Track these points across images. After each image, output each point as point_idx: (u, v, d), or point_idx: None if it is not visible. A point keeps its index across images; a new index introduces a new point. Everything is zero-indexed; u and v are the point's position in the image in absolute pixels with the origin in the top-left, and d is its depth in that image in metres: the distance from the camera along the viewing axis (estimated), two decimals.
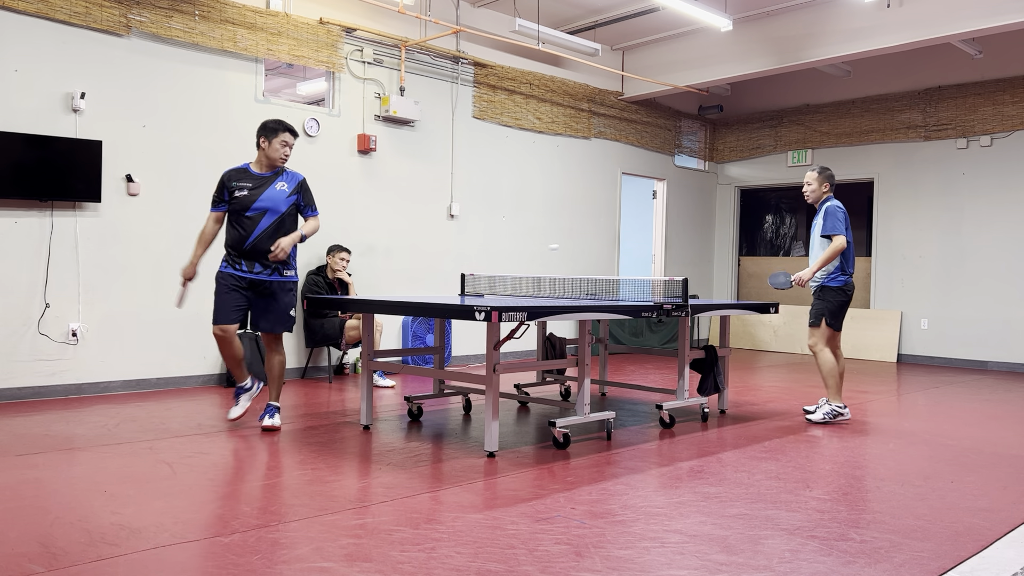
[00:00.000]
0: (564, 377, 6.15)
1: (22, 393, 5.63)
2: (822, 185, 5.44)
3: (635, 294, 5.76)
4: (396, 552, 2.73)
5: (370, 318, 5.05)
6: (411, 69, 7.90)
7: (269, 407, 4.83)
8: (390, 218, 7.78)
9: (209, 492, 3.42)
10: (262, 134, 4.68)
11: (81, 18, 5.80)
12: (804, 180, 5.53)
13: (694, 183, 11.50)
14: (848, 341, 9.99)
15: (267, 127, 4.69)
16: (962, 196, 9.42)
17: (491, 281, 5.96)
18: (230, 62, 6.63)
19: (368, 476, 3.74)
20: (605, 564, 2.66)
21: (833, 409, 5.35)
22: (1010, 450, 4.65)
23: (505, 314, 3.87)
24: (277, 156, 4.69)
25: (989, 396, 6.91)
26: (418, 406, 5.30)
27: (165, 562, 2.60)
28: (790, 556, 2.78)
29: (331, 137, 7.30)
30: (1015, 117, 9.00)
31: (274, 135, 4.68)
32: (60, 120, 5.75)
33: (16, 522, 2.97)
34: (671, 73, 9.54)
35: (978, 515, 3.33)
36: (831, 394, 5.36)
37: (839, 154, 10.52)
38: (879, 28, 7.78)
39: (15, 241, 5.59)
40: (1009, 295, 9.02)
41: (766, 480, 3.84)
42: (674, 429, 5.09)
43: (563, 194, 9.48)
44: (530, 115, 9.02)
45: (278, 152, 4.69)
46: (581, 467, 4.02)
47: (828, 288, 5.32)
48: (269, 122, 4.71)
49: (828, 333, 5.35)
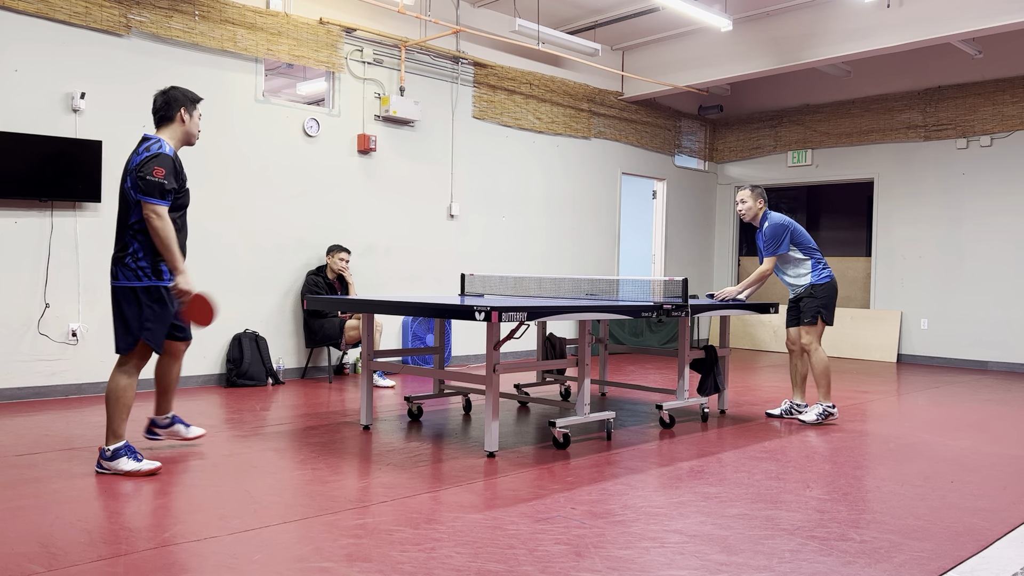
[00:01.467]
0: (564, 377, 6.15)
1: (22, 393, 5.63)
2: (756, 202, 5.47)
3: (635, 294, 5.76)
4: (396, 552, 2.73)
5: (370, 318, 5.05)
6: (411, 69, 7.90)
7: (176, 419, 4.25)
8: (390, 218, 7.78)
9: (209, 492, 3.42)
10: (181, 105, 3.87)
11: (81, 18, 5.80)
12: (737, 199, 5.54)
13: (694, 183, 11.50)
14: (848, 341, 10.00)
15: (187, 97, 3.90)
16: (962, 196, 9.42)
17: (491, 281, 5.95)
18: (230, 62, 6.63)
19: (368, 476, 3.74)
20: (605, 564, 2.66)
21: (825, 409, 5.36)
22: (1010, 450, 4.65)
23: (505, 314, 3.86)
24: (196, 131, 3.96)
25: (989, 396, 6.91)
26: (418, 406, 5.30)
27: (165, 562, 2.60)
28: (790, 556, 2.78)
29: (331, 137, 7.30)
30: (1015, 117, 9.00)
31: (194, 106, 3.92)
32: (60, 120, 5.75)
33: (16, 522, 2.97)
34: (671, 73, 9.54)
35: (978, 515, 3.33)
36: (822, 395, 5.36)
37: (839, 154, 10.52)
38: (879, 28, 7.78)
39: (15, 241, 5.59)
40: (1009, 295, 9.02)
41: (766, 480, 3.84)
42: (674, 429, 5.09)
43: (563, 194, 9.48)
44: (530, 115, 9.02)
45: (197, 126, 3.96)
46: (581, 467, 4.02)
47: (818, 285, 5.34)
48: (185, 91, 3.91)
49: (823, 329, 5.37)
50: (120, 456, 3.69)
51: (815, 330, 5.34)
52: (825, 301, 5.34)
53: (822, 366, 5.33)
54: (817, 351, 5.34)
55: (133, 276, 3.68)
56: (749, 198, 5.47)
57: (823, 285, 5.34)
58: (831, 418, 5.39)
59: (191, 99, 3.90)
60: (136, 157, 3.71)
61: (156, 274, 3.72)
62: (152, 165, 3.64)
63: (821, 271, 5.37)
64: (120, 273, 3.69)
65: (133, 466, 3.68)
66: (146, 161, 3.65)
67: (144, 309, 3.69)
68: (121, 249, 3.71)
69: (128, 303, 3.69)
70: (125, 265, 3.69)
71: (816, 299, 5.34)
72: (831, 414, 5.37)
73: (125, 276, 3.69)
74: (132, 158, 3.73)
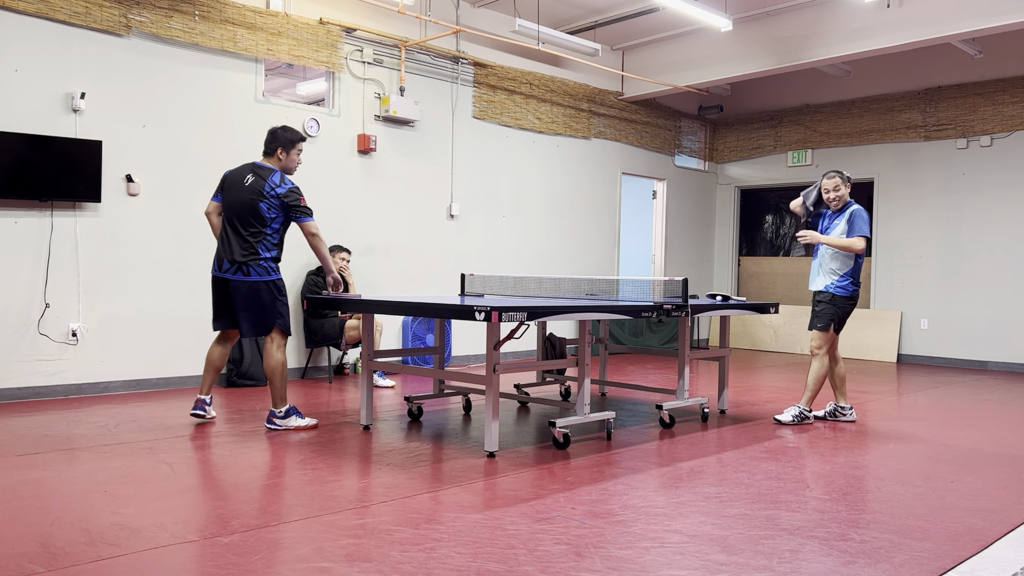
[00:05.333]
0: (564, 377, 6.15)
1: (22, 393, 5.63)
2: (847, 187, 5.35)
3: (635, 294, 5.76)
4: (396, 552, 2.73)
5: (370, 318, 5.05)
6: (411, 69, 7.90)
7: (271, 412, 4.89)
8: (390, 218, 7.78)
9: (209, 492, 3.42)
10: (280, 144, 4.84)
11: (81, 18, 5.80)
12: (824, 187, 5.35)
13: (694, 183, 11.50)
14: (848, 341, 10.00)
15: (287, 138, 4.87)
16: (962, 196, 9.42)
17: (491, 281, 5.95)
18: (230, 62, 6.63)
19: (368, 476, 3.74)
20: (605, 564, 2.66)
21: (802, 412, 5.36)
22: (1010, 450, 4.65)
23: (505, 314, 3.86)
24: (293, 167, 4.92)
25: (989, 396, 6.91)
26: (418, 406, 5.30)
27: (165, 562, 2.60)
28: (790, 556, 2.78)
29: (331, 137, 7.30)
30: (1015, 117, 9.00)
31: (293, 146, 4.88)
32: (60, 120, 5.75)
33: (16, 522, 2.97)
34: (671, 73, 9.54)
35: (978, 515, 3.33)
36: (806, 398, 5.36)
37: (839, 154, 10.52)
38: (879, 28, 7.78)
39: (15, 241, 5.59)
40: (1009, 295, 9.02)
41: (766, 480, 3.84)
42: (674, 429, 5.09)
43: (563, 194, 9.48)
44: (530, 115, 9.02)
45: (295, 162, 4.92)
46: (581, 467, 4.02)
47: (840, 297, 5.29)
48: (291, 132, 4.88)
49: (833, 337, 5.34)
50: (291, 415, 4.79)
51: (825, 336, 5.32)
52: (842, 312, 5.30)
53: (819, 373, 5.32)
54: (822, 359, 5.33)
55: (264, 272, 4.69)
56: (843, 185, 5.33)
57: (844, 297, 5.27)
58: (806, 422, 5.38)
59: (291, 140, 4.84)
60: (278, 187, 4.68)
61: (278, 271, 4.79)
62: (297, 195, 4.69)
63: (848, 283, 5.26)
64: (253, 271, 4.67)
65: (301, 422, 4.79)
66: (290, 191, 4.69)
67: (277, 299, 4.73)
68: (252, 253, 4.67)
69: (264, 295, 4.68)
70: (259, 265, 4.68)
71: (835, 307, 5.30)
72: (807, 418, 5.37)
73: (257, 272, 4.67)
74: (264, 186, 4.67)
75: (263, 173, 4.73)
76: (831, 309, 5.30)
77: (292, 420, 4.77)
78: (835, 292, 5.29)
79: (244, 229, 4.69)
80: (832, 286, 5.30)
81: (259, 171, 4.74)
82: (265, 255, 4.70)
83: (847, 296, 5.29)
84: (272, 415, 4.77)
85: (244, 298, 4.67)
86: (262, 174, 4.72)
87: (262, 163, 4.82)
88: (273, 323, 4.72)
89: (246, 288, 4.67)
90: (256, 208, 4.67)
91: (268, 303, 4.69)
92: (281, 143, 4.83)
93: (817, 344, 5.33)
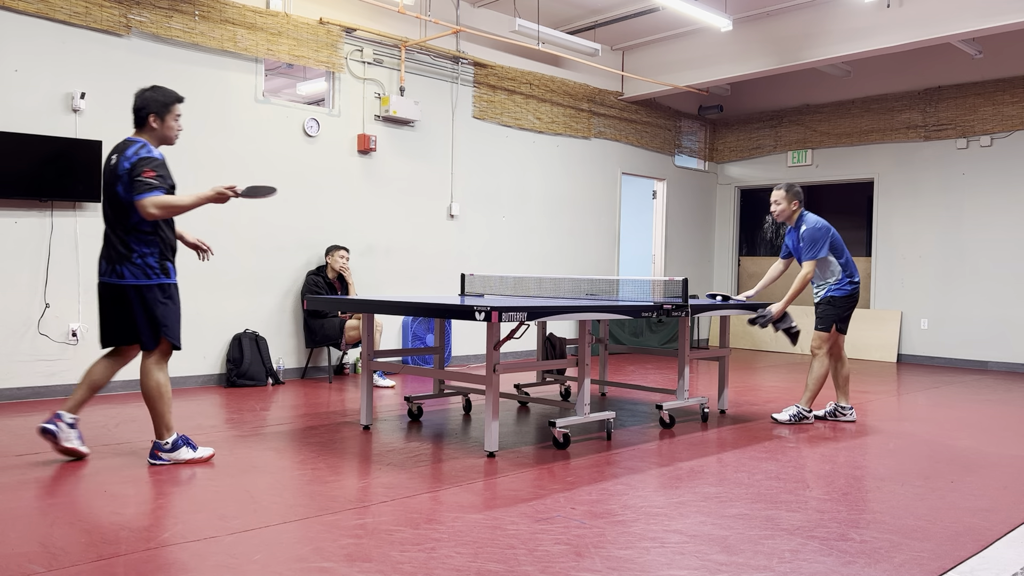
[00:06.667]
0: (564, 377, 6.15)
1: (22, 393, 5.63)
2: (791, 203, 5.32)
3: (635, 294, 5.76)
4: (396, 552, 2.73)
5: (370, 318, 5.05)
6: (411, 69, 7.90)
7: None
8: (390, 218, 7.78)
9: (209, 492, 3.42)
10: (151, 111, 3.84)
11: (81, 18, 5.80)
12: (771, 200, 5.35)
13: (694, 183, 11.50)
14: (848, 341, 9.96)
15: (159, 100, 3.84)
16: (962, 196, 9.42)
17: (491, 281, 5.95)
18: (230, 62, 6.63)
19: (368, 476, 3.74)
20: (605, 564, 2.66)
21: (800, 412, 5.36)
22: (1010, 450, 4.65)
23: (505, 314, 3.86)
24: (172, 134, 3.94)
25: (989, 396, 6.91)
26: (418, 406, 5.30)
27: (165, 562, 2.60)
28: (790, 556, 2.78)
29: (331, 137, 7.30)
30: (1015, 117, 9.00)
31: (167, 109, 3.86)
32: (60, 120, 5.75)
33: (16, 522, 2.97)
34: (671, 73, 9.54)
35: (978, 515, 3.33)
36: (806, 398, 5.36)
37: (839, 154, 10.52)
38: (879, 28, 7.78)
39: (15, 241, 5.59)
40: (1009, 295, 9.02)
41: (766, 480, 3.84)
42: (674, 429, 5.09)
43: (563, 194, 9.48)
44: (530, 115, 9.02)
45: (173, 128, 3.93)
46: (581, 467, 4.02)
47: (838, 297, 5.29)
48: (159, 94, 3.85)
49: (836, 337, 5.34)
50: (180, 447, 3.91)
51: (826, 337, 5.32)
52: (843, 312, 5.29)
53: (818, 374, 5.31)
54: (822, 359, 5.33)
55: (142, 274, 3.75)
56: (783, 199, 5.28)
57: (843, 297, 5.27)
58: (804, 422, 5.38)
59: (163, 102, 3.84)
60: (124, 162, 3.72)
61: (164, 272, 3.82)
62: (144, 165, 3.70)
63: (845, 283, 5.26)
64: (127, 272, 3.74)
65: (192, 455, 3.92)
66: (138, 162, 3.71)
67: (158, 307, 3.78)
68: (125, 249, 3.75)
69: (138, 301, 3.76)
70: (132, 263, 3.74)
71: (835, 308, 5.30)
72: (805, 418, 5.37)
73: (133, 274, 3.74)
74: (120, 163, 3.73)
75: (122, 147, 3.78)
76: (831, 310, 5.31)
77: (182, 452, 3.89)
78: (833, 294, 5.30)
79: (115, 222, 3.78)
80: (829, 292, 5.32)
81: (120, 147, 3.79)
82: (142, 250, 3.75)
83: (846, 295, 5.29)
84: (156, 447, 3.87)
85: (118, 305, 3.80)
86: (122, 148, 3.78)
87: (130, 137, 3.85)
88: (159, 334, 3.81)
89: (118, 293, 3.77)
90: (116, 193, 3.74)
91: (146, 311, 3.76)
92: (152, 109, 3.82)
93: (817, 344, 5.33)
